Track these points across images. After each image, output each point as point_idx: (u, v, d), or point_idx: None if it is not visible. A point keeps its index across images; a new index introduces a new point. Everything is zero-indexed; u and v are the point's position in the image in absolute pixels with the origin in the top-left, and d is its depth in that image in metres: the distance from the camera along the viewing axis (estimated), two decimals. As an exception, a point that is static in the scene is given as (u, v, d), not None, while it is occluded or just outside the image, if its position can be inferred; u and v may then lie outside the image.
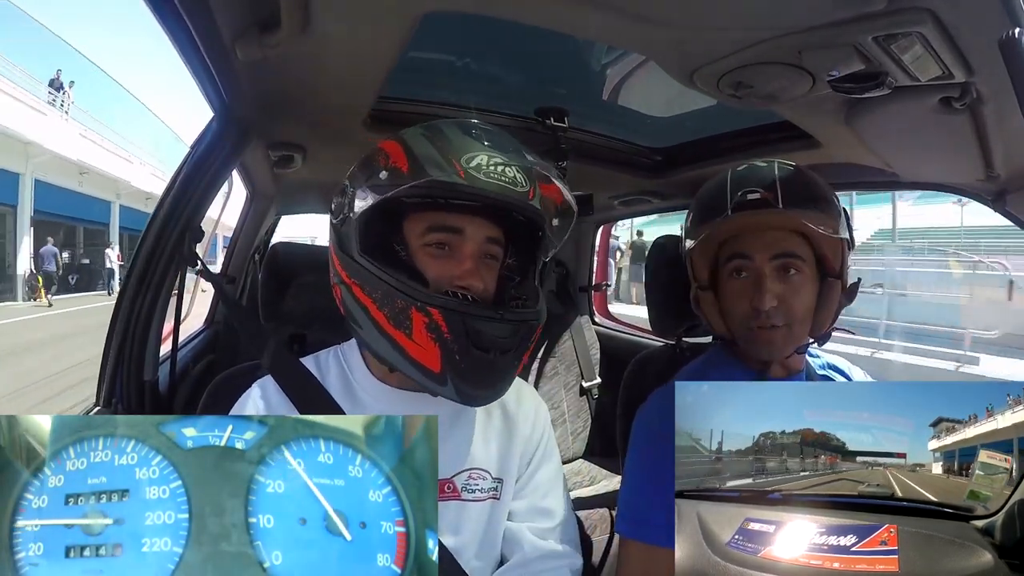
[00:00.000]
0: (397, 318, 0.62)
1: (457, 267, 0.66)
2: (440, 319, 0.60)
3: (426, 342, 0.61)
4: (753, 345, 0.80)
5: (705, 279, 0.84)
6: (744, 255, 0.79)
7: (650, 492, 0.76)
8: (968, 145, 0.87)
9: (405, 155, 0.63)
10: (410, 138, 0.66)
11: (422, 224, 0.67)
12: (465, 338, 0.61)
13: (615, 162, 1.46)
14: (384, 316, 0.63)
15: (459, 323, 0.60)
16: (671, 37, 0.75)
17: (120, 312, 1.05)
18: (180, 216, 1.05)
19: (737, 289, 0.80)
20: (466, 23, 0.87)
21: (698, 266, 0.85)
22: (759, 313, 0.77)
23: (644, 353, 1.19)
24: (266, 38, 0.75)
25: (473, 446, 0.75)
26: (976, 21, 0.62)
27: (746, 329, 0.79)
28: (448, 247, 0.67)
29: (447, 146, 0.63)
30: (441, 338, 0.61)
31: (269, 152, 1.28)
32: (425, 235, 0.66)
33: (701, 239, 0.81)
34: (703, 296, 0.84)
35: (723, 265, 0.81)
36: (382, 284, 0.62)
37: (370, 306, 0.64)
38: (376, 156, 0.66)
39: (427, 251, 0.66)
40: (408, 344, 0.62)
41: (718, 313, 0.83)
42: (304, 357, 0.77)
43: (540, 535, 0.78)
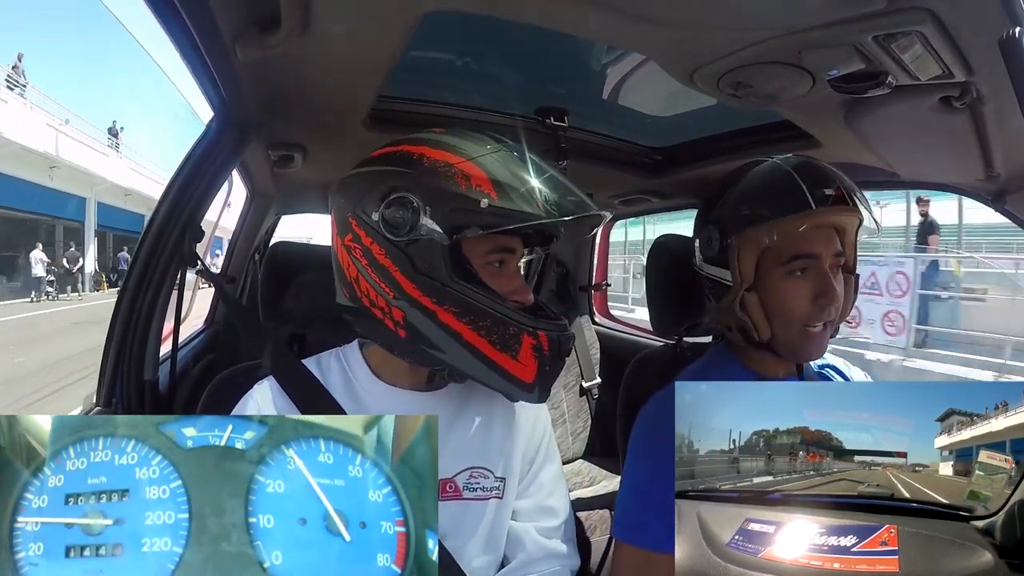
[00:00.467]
0: (506, 342, 0.65)
1: (509, 283, 0.69)
2: (544, 340, 0.66)
3: (529, 360, 0.66)
4: (804, 346, 0.78)
5: (752, 280, 0.79)
6: (812, 254, 0.75)
7: (649, 497, 0.75)
8: (968, 145, 0.87)
9: (490, 182, 0.63)
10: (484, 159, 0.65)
11: (487, 245, 0.67)
12: (558, 351, 0.67)
13: (615, 161, 1.46)
14: (487, 341, 0.65)
15: (556, 340, 0.66)
16: (671, 37, 0.75)
17: (120, 312, 1.05)
18: (180, 216, 1.05)
19: (797, 288, 0.76)
20: (466, 23, 0.87)
21: (746, 265, 0.78)
22: (821, 313, 0.75)
23: (644, 353, 1.19)
24: (266, 38, 0.75)
25: (474, 445, 0.75)
26: (976, 21, 0.62)
27: (798, 330, 0.77)
28: (501, 264, 0.69)
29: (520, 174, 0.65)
30: (542, 355, 0.66)
31: (269, 152, 1.28)
32: (487, 255, 0.68)
33: (777, 236, 0.75)
34: (750, 298, 0.78)
35: (779, 264, 0.77)
36: (490, 312, 0.65)
37: (465, 331, 0.65)
38: (449, 173, 0.64)
39: (488, 269, 0.68)
40: (511, 364, 0.66)
41: (764, 315, 0.78)
42: (306, 359, 0.77)
43: (545, 534, 0.78)
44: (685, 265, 1.01)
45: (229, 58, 0.81)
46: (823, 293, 0.75)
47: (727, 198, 0.82)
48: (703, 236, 0.84)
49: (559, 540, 0.79)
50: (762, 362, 0.85)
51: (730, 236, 0.79)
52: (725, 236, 0.80)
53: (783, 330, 0.78)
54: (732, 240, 0.79)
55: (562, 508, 0.81)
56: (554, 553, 0.77)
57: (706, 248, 0.83)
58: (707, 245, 0.83)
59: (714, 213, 0.82)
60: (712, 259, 0.82)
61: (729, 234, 0.79)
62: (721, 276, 0.81)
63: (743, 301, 0.79)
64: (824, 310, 0.75)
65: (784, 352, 0.80)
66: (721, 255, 0.80)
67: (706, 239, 0.83)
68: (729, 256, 0.79)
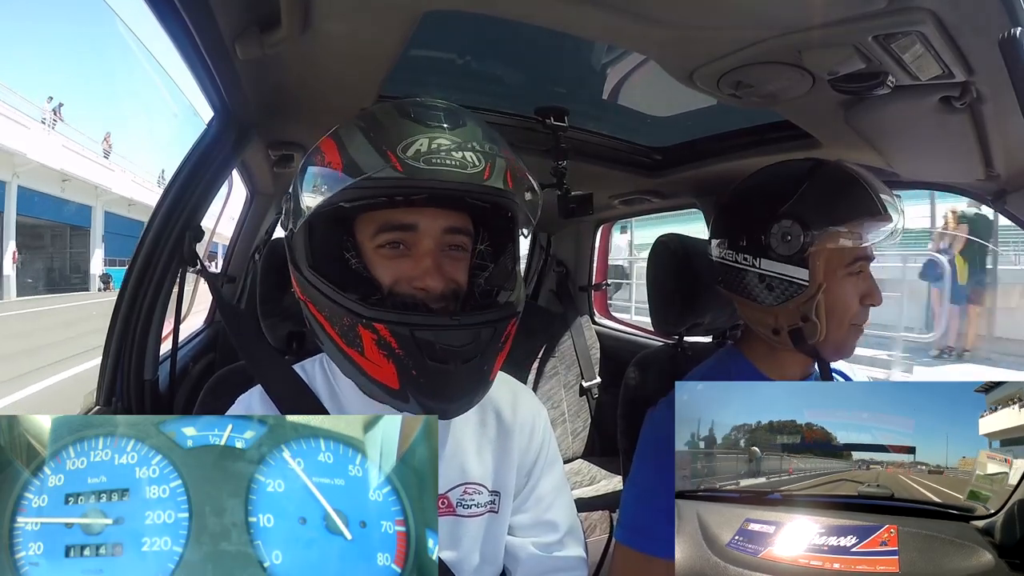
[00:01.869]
0: (347, 336, 0.57)
1: (414, 267, 0.60)
2: (387, 334, 0.55)
3: (379, 359, 0.56)
4: (847, 343, 0.80)
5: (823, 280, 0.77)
6: (868, 256, 0.79)
7: (655, 502, 0.74)
8: (968, 144, 0.87)
9: (339, 152, 0.57)
10: (344, 132, 0.59)
11: (372, 225, 0.60)
12: (418, 351, 0.55)
13: (615, 161, 1.46)
14: (336, 334, 0.58)
15: (408, 336, 0.54)
16: (671, 37, 0.75)
17: (120, 311, 1.06)
18: (180, 216, 1.05)
19: (853, 289, 0.78)
20: (466, 22, 0.87)
21: (823, 269, 0.76)
22: (867, 312, 0.79)
23: (645, 353, 1.19)
24: (266, 38, 0.75)
25: (467, 459, 0.71)
26: (976, 21, 0.62)
27: (850, 328, 0.79)
28: (403, 245, 0.60)
29: (382, 135, 0.56)
30: (393, 354, 0.55)
31: (269, 151, 1.28)
32: (376, 236, 0.60)
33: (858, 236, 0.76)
34: (820, 299, 0.77)
35: (843, 266, 0.77)
36: (327, 301, 0.57)
37: (324, 324, 0.59)
38: (313, 156, 0.60)
39: (380, 253, 0.60)
40: (363, 362, 0.58)
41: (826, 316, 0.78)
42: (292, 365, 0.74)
43: (544, 549, 0.75)
44: (686, 265, 1.01)
45: (229, 58, 0.81)
46: (870, 294, 0.78)
47: (802, 195, 0.77)
48: (776, 232, 0.77)
49: (560, 554, 0.75)
50: (776, 364, 0.84)
51: (811, 234, 0.75)
52: (806, 234, 0.75)
53: (836, 330, 0.78)
54: (813, 239, 0.75)
55: (563, 521, 0.76)
56: (553, 568, 0.74)
57: (781, 245, 0.77)
58: (781, 242, 0.77)
59: (788, 208, 0.77)
60: (784, 257, 0.77)
61: (811, 232, 0.75)
62: (791, 275, 0.77)
63: (818, 304, 0.77)
64: (869, 307, 0.79)
65: (829, 352, 0.81)
66: (798, 254, 0.76)
67: (779, 236, 0.77)
68: (807, 255, 0.76)
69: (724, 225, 0.84)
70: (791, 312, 0.78)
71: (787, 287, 0.77)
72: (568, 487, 0.81)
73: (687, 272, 1.04)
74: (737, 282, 0.82)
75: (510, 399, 0.77)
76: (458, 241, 0.63)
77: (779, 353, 0.83)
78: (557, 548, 0.75)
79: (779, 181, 0.81)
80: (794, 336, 0.79)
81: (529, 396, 0.81)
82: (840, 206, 0.76)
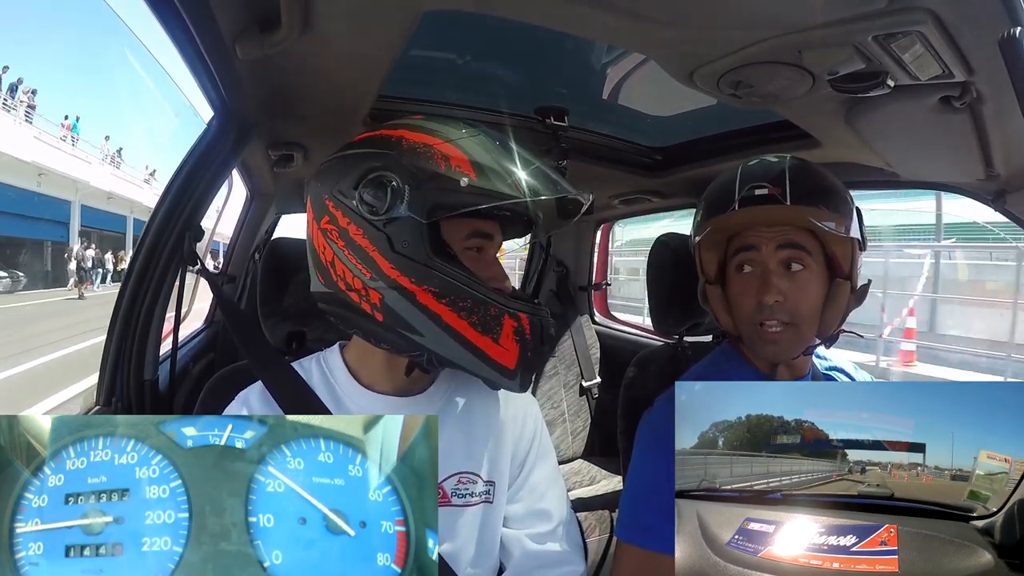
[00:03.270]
0: (487, 324, 0.64)
1: (487, 269, 0.68)
2: (526, 323, 0.64)
3: (511, 344, 0.64)
4: (759, 343, 0.78)
5: (713, 274, 0.84)
6: (750, 247, 0.77)
7: (653, 498, 0.75)
8: (968, 144, 0.87)
9: (470, 163, 0.62)
10: (462, 142, 0.64)
11: (466, 229, 0.67)
12: (540, 337, 0.66)
13: (615, 161, 1.46)
14: (467, 323, 0.63)
15: (538, 325, 0.65)
16: (671, 37, 0.75)
17: (120, 311, 1.05)
18: (180, 215, 1.05)
19: (743, 284, 0.78)
20: (466, 23, 0.87)
21: (706, 261, 0.84)
22: (763, 308, 0.75)
23: (645, 352, 1.19)
24: (266, 38, 0.75)
25: (461, 449, 0.73)
26: (976, 21, 0.62)
27: (753, 326, 0.78)
28: (479, 250, 0.69)
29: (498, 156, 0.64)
30: (523, 340, 0.65)
31: (269, 152, 1.28)
32: (467, 240, 0.67)
33: (707, 233, 0.80)
34: (711, 291, 0.84)
35: (731, 259, 0.81)
36: (470, 292, 0.63)
37: (444, 312, 0.63)
38: (429, 153, 0.63)
39: (467, 255, 0.67)
40: (492, 347, 0.64)
41: (726, 309, 0.82)
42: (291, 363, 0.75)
43: (538, 540, 0.76)
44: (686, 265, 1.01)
45: (229, 58, 0.81)
46: (761, 288, 0.76)
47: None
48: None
49: (555, 545, 0.76)
50: (767, 363, 0.84)
51: (695, 233, 0.85)
52: (694, 233, 0.86)
53: (741, 325, 0.81)
54: (695, 236, 0.85)
55: (556, 510, 0.78)
56: (548, 561, 0.75)
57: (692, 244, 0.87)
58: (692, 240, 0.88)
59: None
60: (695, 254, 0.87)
61: (695, 231, 0.85)
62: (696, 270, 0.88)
63: (705, 294, 0.85)
64: (766, 307, 0.75)
65: (749, 349, 0.83)
66: (696, 251, 0.86)
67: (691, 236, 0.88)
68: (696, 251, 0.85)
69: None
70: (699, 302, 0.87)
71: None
72: (561, 479, 0.83)
73: (686, 272, 1.04)
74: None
75: (502, 393, 0.78)
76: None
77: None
78: (551, 538, 0.77)
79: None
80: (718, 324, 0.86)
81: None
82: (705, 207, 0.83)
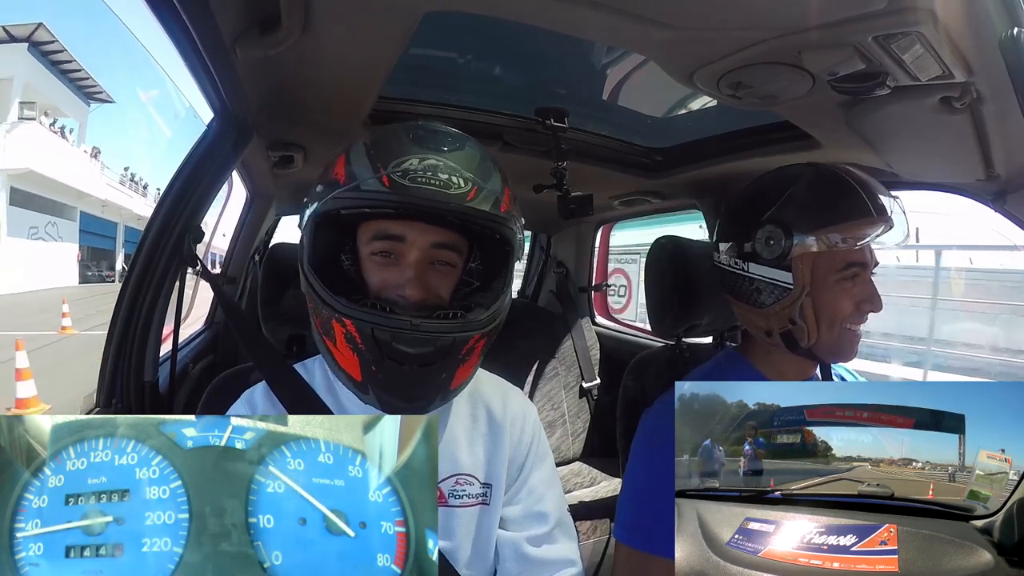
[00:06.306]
0: (325, 327, 0.63)
1: (399, 275, 0.65)
2: (353, 329, 0.60)
3: (347, 351, 0.62)
4: (845, 346, 0.80)
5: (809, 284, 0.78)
6: (863, 263, 0.78)
7: (652, 500, 0.75)
8: (968, 145, 0.87)
9: (344, 165, 0.63)
10: (354, 147, 0.65)
11: (368, 233, 0.66)
12: (377, 349, 0.60)
13: (615, 162, 1.46)
14: (318, 325, 0.65)
15: (369, 334, 0.60)
16: (671, 37, 0.75)
17: (120, 312, 1.05)
18: (180, 216, 1.05)
19: (846, 294, 0.78)
20: (466, 23, 0.87)
21: (812, 271, 0.78)
22: (863, 316, 0.78)
23: (644, 354, 1.19)
24: (266, 38, 0.75)
25: (458, 451, 0.74)
26: (976, 21, 0.62)
27: (841, 331, 0.79)
28: (393, 255, 0.66)
29: (380, 152, 0.62)
30: (357, 348, 0.61)
31: (269, 152, 1.28)
32: (370, 243, 0.66)
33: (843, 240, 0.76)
34: (806, 303, 0.78)
35: (834, 271, 0.77)
36: (314, 295, 0.63)
37: (313, 317, 0.66)
38: (328, 166, 0.67)
39: (373, 260, 0.66)
40: (335, 352, 0.64)
41: (815, 320, 0.78)
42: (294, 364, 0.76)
43: (535, 542, 0.76)
44: (684, 267, 1.01)
45: (229, 58, 0.81)
46: (869, 300, 0.78)
47: (787, 200, 0.79)
48: (760, 237, 0.80)
49: (551, 546, 0.76)
50: (775, 367, 0.84)
51: (793, 238, 0.77)
52: (787, 238, 0.77)
53: (828, 333, 0.79)
54: (795, 243, 0.77)
55: (553, 512, 0.78)
56: (545, 562, 0.75)
57: (764, 250, 0.80)
58: (765, 246, 0.79)
59: (773, 213, 0.79)
60: (768, 261, 0.79)
61: (793, 236, 0.77)
62: (776, 279, 0.79)
63: (803, 307, 0.78)
64: (866, 314, 0.78)
65: (824, 355, 0.81)
66: (781, 258, 0.78)
67: (763, 240, 0.79)
68: (791, 259, 0.77)
69: (721, 230, 0.87)
70: (780, 315, 0.80)
71: (773, 290, 0.80)
72: (559, 481, 0.83)
73: (685, 273, 1.04)
74: (733, 286, 0.85)
75: (500, 397, 0.80)
76: (445, 256, 0.67)
77: (778, 356, 0.84)
78: (547, 540, 0.77)
79: (769, 186, 0.83)
80: (785, 338, 0.80)
81: (519, 395, 0.84)
82: (824, 210, 0.77)
